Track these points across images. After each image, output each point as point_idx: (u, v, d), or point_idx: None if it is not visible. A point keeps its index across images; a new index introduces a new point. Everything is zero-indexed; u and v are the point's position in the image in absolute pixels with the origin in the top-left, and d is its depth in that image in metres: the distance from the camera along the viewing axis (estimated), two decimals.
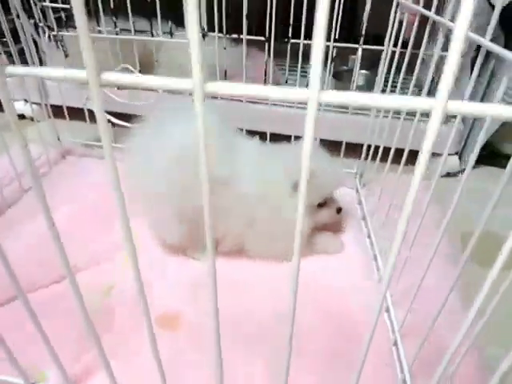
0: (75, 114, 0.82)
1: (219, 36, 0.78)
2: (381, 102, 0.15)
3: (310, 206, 0.58)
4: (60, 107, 0.82)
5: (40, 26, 0.66)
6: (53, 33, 0.67)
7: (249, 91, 0.16)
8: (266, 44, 0.78)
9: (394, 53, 0.63)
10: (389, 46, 0.63)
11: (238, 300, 0.49)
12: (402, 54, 0.59)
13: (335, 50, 0.74)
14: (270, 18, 0.74)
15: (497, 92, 0.35)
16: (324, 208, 0.60)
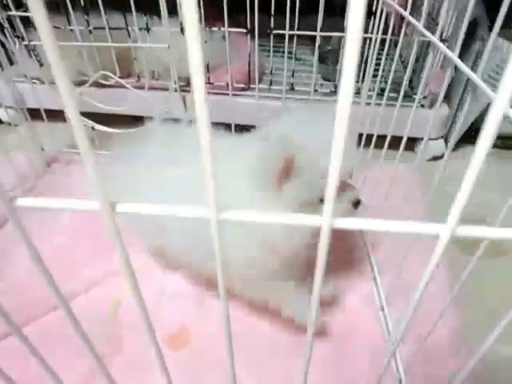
0: (53, 115, 0.79)
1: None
2: (392, 227, 0.16)
3: (309, 203, 0.40)
4: (37, 110, 0.79)
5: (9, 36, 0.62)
6: (24, 42, 0.63)
7: (264, 219, 0.16)
8: (248, 36, 0.75)
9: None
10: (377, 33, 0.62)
11: None
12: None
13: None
14: (251, 9, 0.71)
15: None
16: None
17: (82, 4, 0.71)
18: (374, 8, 0.65)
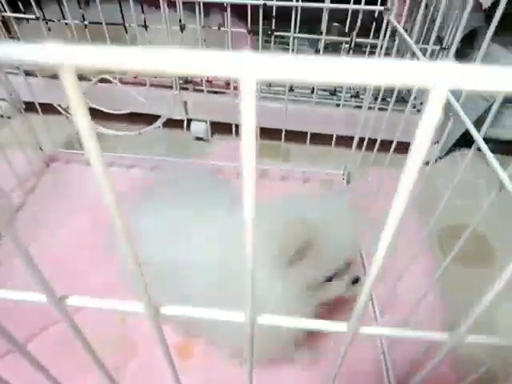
0: (48, 108, 0.78)
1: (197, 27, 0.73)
2: (408, 334, 0.18)
3: (316, 282, 0.43)
4: (31, 103, 0.78)
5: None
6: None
7: (295, 324, 0.18)
8: (249, 36, 0.74)
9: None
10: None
11: None
12: None
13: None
14: (251, 9, 0.70)
15: None
16: (333, 280, 0.44)
17: None
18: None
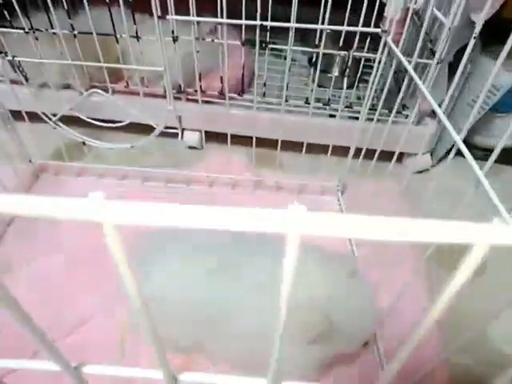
0: (34, 116, 0.76)
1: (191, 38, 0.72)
2: None
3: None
4: (17, 111, 0.76)
5: None
6: (7, 58, 0.59)
7: None
8: (242, 49, 0.73)
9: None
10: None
11: None
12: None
13: None
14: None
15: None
16: None
17: (66, 7, 0.66)
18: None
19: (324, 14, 0.58)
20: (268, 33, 0.69)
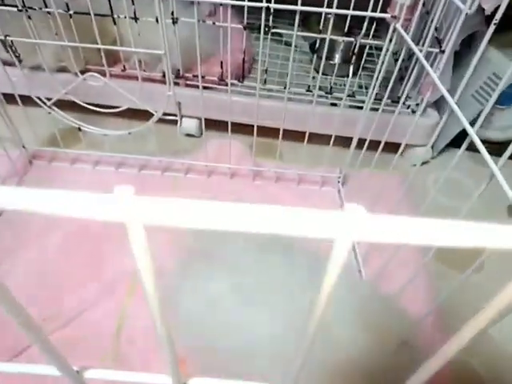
0: (28, 101, 0.73)
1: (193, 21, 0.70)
2: None
3: None
4: (10, 95, 0.73)
5: None
6: None
7: None
8: (244, 32, 0.71)
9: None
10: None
11: None
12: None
13: None
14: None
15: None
16: None
17: None
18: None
19: None
20: (271, 16, 0.67)
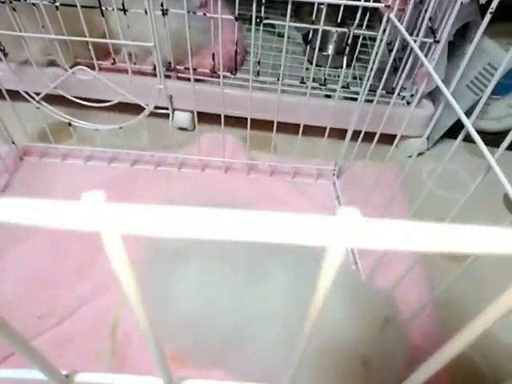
0: (16, 96, 0.72)
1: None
2: None
3: None
4: None
5: None
6: None
7: None
8: (236, 24, 0.70)
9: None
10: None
11: None
12: None
13: None
14: None
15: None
16: None
17: None
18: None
19: None
20: (263, 7, 0.65)
